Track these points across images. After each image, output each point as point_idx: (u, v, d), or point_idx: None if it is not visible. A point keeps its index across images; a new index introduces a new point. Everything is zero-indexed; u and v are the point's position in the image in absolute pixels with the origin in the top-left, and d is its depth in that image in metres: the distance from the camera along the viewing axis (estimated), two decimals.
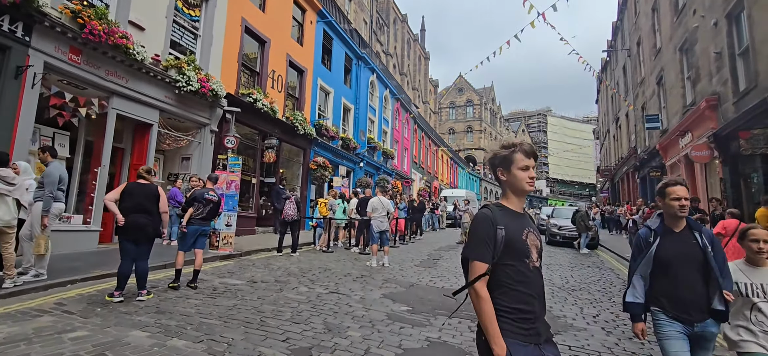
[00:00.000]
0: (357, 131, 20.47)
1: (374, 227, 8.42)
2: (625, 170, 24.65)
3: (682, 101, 14.35)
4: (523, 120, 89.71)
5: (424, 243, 13.61)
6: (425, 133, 35.71)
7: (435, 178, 38.81)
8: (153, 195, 5.11)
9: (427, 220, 19.58)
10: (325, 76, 17.52)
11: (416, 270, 8.34)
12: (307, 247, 11.00)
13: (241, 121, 12.09)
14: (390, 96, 25.79)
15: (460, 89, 65.45)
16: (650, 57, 18.49)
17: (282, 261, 8.44)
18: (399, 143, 27.90)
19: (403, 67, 42.79)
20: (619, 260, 11.42)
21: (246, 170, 12.88)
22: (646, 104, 19.43)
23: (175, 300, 5.13)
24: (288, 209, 9.06)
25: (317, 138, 16.00)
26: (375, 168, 22.77)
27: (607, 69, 31.79)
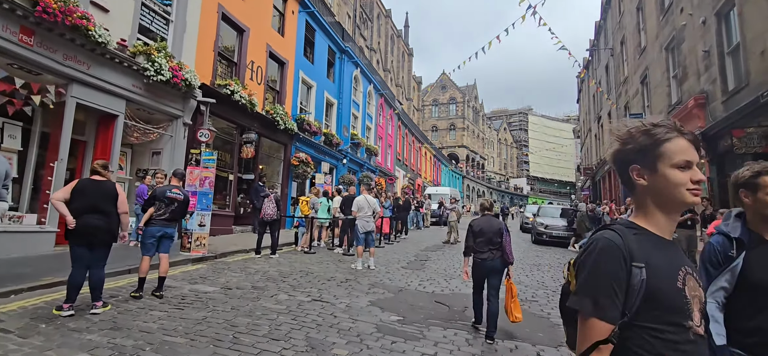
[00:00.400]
0: (340, 126, 19.89)
1: (359, 227, 7.93)
2: (607, 169, 24.84)
3: (668, 100, 14.35)
4: (505, 118, 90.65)
5: (409, 243, 13.20)
6: (409, 130, 35.36)
7: (418, 175, 38.54)
8: (109, 193, 4.48)
9: (412, 218, 19.18)
10: (308, 69, 16.87)
11: (404, 272, 7.89)
12: (288, 248, 10.42)
13: (217, 114, 11.39)
14: (374, 91, 25.27)
15: (443, 87, 65.40)
16: (634, 56, 18.54)
17: (260, 264, 7.85)
18: (383, 139, 27.44)
19: (387, 63, 42.28)
20: None
21: (223, 166, 12.17)
22: (629, 103, 19.51)
23: (136, 312, 4.52)
24: (267, 207, 8.47)
25: (299, 133, 15.36)
26: (358, 165, 22.24)
27: (590, 68, 32.08)
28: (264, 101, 13.77)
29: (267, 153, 14.74)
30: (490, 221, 4.69)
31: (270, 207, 8.47)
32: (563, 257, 11.47)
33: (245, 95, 11.68)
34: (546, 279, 8.04)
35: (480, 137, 70.84)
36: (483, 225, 4.63)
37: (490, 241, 4.51)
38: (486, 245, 4.52)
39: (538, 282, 7.74)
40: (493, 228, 4.57)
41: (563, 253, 12.36)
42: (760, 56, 8.61)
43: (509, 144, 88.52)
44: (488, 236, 4.53)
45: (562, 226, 14.37)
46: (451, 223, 13.37)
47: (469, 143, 64.14)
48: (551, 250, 12.89)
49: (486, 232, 4.56)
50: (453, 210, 13.60)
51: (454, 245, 12.73)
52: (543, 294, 6.73)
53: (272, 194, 8.70)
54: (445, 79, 65.89)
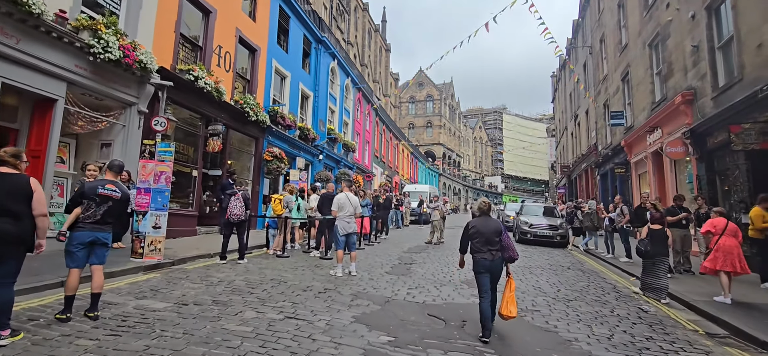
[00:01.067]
0: (316, 120, 18.90)
1: (340, 228, 7.09)
2: (584, 167, 24.93)
3: (651, 97, 14.18)
4: (481, 117, 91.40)
5: (390, 244, 12.44)
6: (387, 126, 34.63)
7: (396, 173, 37.89)
8: (20, 190, 3.47)
9: (392, 217, 18.44)
10: (282, 58, 15.80)
11: (389, 279, 7.11)
12: (259, 251, 9.44)
13: (179, 102, 10.26)
14: (352, 85, 24.36)
15: (420, 84, 65.03)
16: (615, 54, 18.45)
17: (225, 272, 6.89)
18: (360, 135, 26.57)
19: (364, 57, 41.32)
20: (597, 260, 10.88)
21: (186, 160, 11.04)
22: (609, 101, 19.46)
23: (57, 342, 3.54)
24: (233, 207, 7.49)
25: (272, 126, 14.30)
26: (335, 161, 21.30)
27: (566, 68, 32.27)
28: (233, 90, 12.66)
29: (237, 147, 13.63)
30: (487, 222, 4.70)
31: (237, 206, 7.49)
32: (551, 257, 11.00)
33: (211, 82, 10.57)
34: (542, 284, 7.45)
35: (456, 134, 71.00)
36: (479, 226, 4.66)
37: (489, 241, 4.55)
38: (485, 245, 4.56)
39: (535, 287, 7.13)
40: (490, 228, 4.60)
41: (549, 253, 11.91)
42: (756, 50, 8.32)
43: (484, 142, 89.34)
44: (486, 236, 4.57)
45: (546, 225, 13.97)
46: (434, 223, 12.70)
47: (446, 140, 64.10)
48: (538, 250, 12.43)
49: (483, 232, 4.59)
50: (436, 209, 12.92)
51: (437, 246, 12.07)
52: (544, 302, 6.11)
53: (240, 191, 7.71)
54: (421, 77, 65.53)
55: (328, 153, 19.87)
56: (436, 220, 12.71)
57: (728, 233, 6.64)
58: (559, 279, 8.03)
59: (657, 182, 14.05)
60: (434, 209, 12.97)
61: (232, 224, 7.63)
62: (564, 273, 8.69)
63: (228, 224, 7.66)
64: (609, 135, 19.97)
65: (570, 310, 5.77)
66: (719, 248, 6.73)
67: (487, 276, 4.50)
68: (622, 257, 10.40)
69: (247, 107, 12.54)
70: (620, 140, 17.48)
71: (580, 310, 5.80)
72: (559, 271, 8.95)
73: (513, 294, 4.41)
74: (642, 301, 6.57)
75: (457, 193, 64.47)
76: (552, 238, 13.67)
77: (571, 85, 29.96)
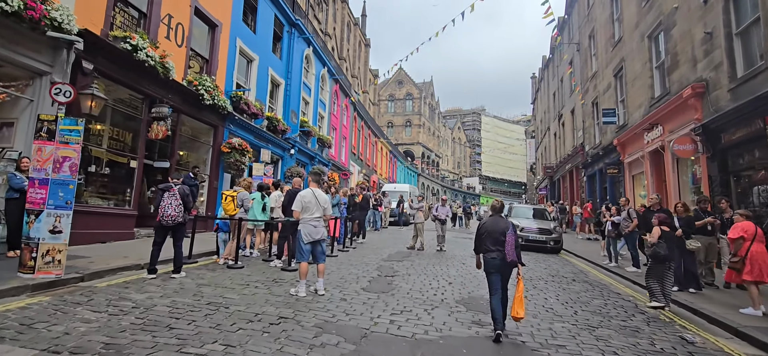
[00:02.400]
0: (287, 111, 17.17)
1: (303, 235, 5.52)
2: (569, 168, 24.13)
3: (649, 93, 13.22)
4: (459, 117, 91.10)
5: (368, 249, 10.92)
6: (365, 122, 33.09)
7: (374, 171, 36.40)
8: None
9: (369, 218, 16.93)
10: (248, 38, 14.03)
11: (366, 298, 5.60)
12: (208, 259, 7.75)
13: (114, 77, 8.45)
14: (328, 76, 22.69)
15: (399, 82, 63.79)
16: (606, 49, 17.56)
17: (149, 291, 5.20)
18: (337, 130, 24.93)
19: (343, 51, 39.64)
20: (599, 270, 9.70)
21: (122, 148, 9.19)
22: (599, 99, 18.58)
23: None
24: (166, 206, 5.81)
25: (234, 114, 12.53)
26: (309, 157, 19.60)
27: (550, 66, 31.60)
28: (186, 69, 10.85)
29: (191, 136, 11.81)
30: (497, 222, 4.70)
31: (172, 205, 5.81)
32: (548, 265, 9.75)
33: (154, 55, 8.77)
34: (552, 302, 6.12)
35: (435, 134, 70.18)
36: (489, 226, 4.68)
37: (497, 240, 4.53)
38: (494, 244, 4.55)
39: (546, 308, 5.78)
40: (499, 228, 4.58)
41: (545, 260, 10.67)
42: None
43: (463, 143, 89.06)
44: (494, 236, 4.56)
45: (538, 229, 12.78)
46: (418, 226, 11.26)
47: (425, 140, 63.11)
48: (532, 258, 11.19)
49: (492, 232, 4.60)
50: (419, 210, 11.49)
51: (421, 252, 10.64)
52: (564, 330, 4.76)
53: (176, 186, 6.02)
54: (401, 75, 64.30)
55: (301, 148, 18.16)
56: (419, 223, 11.28)
57: (758, 238, 5.90)
58: (569, 295, 6.71)
59: (655, 183, 13.09)
60: (417, 211, 11.53)
61: (165, 229, 5.94)
62: (571, 288, 7.40)
63: (161, 229, 5.95)
64: (598, 134, 19.11)
65: (601, 343, 4.43)
66: (753, 257, 5.86)
67: (498, 275, 4.52)
68: (629, 266, 9.26)
69: (203, 88, 10.76)
70: (612, 139, 16.56)
71: (613, 342, 4.49)
72: (564, 284, 7.66)
73: (521, 296, 4.34)
74: (675, 322, 5.40)
75: (436, 193, 63.55)
76: (545, 243, 12.48)
77: (554, 84, 29.25)
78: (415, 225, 11.42)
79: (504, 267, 4.45)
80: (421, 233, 11.25)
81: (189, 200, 6.08)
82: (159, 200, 5.87)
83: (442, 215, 11.17)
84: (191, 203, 6.09)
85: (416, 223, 11.35)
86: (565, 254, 12.53)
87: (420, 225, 11.27)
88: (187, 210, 6.01)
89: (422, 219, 11.36)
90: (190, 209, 6.10)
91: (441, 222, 11.17)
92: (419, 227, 11.27)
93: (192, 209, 6.15)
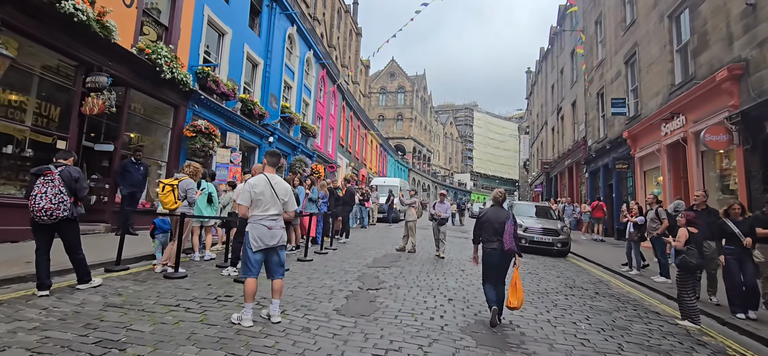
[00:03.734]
0: (266, 94, 15.50)
1: (252, 239, 3.94)
2: (568, 164, 22.85)
3: (668, 79, 11.88)
4: (452, 113, 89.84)
5: (350, 251, 9.39)
6: (355, 113, 31.45)
7: (363, 165, 34.84)
8: None
9: (355, 214, 15.40)
10: (219, 8, 12.32)
11: (338, 327, 4.07)
12: (147, 263, 6.15)
13: (34, 35, 6.76)
14: (314, 60, 21.00)
15: (391, 74, 62.17)
16: (615, 34, 16.21)
17: (27, 315, 3.61)
18: (323, 119, 23.28)
19: (332, 38, 37.86)
20: (620, 278, 8.32)
21: (48, 126, 7.50)
22: (606, 89, 17.25)
23: None
24: (38, 196, 4.12)
25: (199, 93, 10.87)
26: (291, 147, 17.96)
27: (549, 58, 30.29)
28: (137, 35, 9.14)
29: (145, 115, 10.12)
30: (498, 212, 4.68)
31: (47, 195, 4.13)
32: (561, 273, 8.34)
33: (87, 9, 7.08)
34: (582, 325, 4.67)
35: (427, 129, 68.78)
36: (490, 216, 4.67)
37: (497, 231, 4.53)
38: (494, 234, 4.56)
39: (580, 337, 4.30)
40: (500, 218, 4.56)
41: (557, 266, 9.26)
42: None
43: (455, 139, 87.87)
44: (495, 226, 4.57)
45: (543, 229, 11.37)
46: (410, 225, 9.75)
47: (417, 134, 61.68)
48: (538, 261, 9.78)
49: (492, 222, 4.60)
50: (411, 206, 9.98)
51: (413, 255, 9.16)
52: None
53: (58, 169, 4.35)
54: (393, 67, 62.70)
55: (281, 136, 16.51)
56: (411, 222, 9.77)
57: None
58: (601, 318, 5.26)
59: (673, 179, 11.78)
60: (409, 207, 10.01)
61: (43, 228, 4.28)
62: (598, 305, 5.96)
63: (36, 229, 4.30)
64: (603, 127, 17.80)
65: None
66: None
67: (496, 266, 4.54)
68: (657, 276, 7.89)
69: (159, 59, 9.08)
70: (620, 131, 15.24)
71: None
72: (588, 300, 6.23)
73: (516, 285, 4.36)
74: None
75: (426, 189, 62.20)
76: (551, 245, 11.09)
77: (553, 77, 27.95)
78: (406, 224, 9.91)
79: (503, 257, 4.48)
80: (412, 234, 9.75)
81: (79, 187, 4.38)
82: (30, 189, 4.23)
83: (442, 213, 9.26)
84: (83, 191, 4.42)
85: (408, 221, 9.84)
86: (573, 259, 11.16)
87: (412, 224, 9.77)
88: (77, 201, 4.38)
89: (414, 217, 9.85)
90: (80, 200, 4.45)
91: (440, 223, 9.20)
92: (411, 226, 9.77)
93: (81, 201, 4.48)
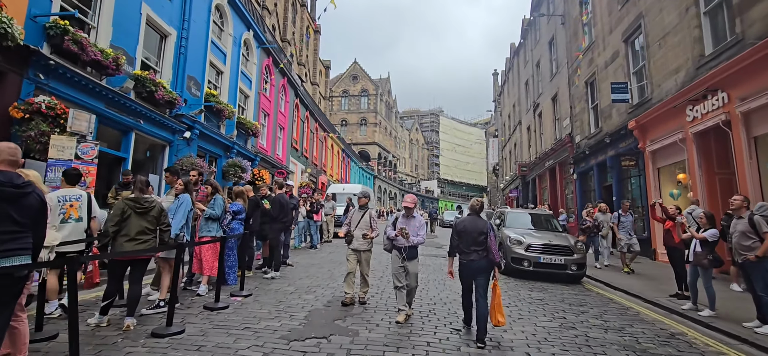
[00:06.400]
0: (182, 75, 11.82)
1: None
2: (550, 165, 20.47)
3: (695, 49, 9.40)
4: (417, 118, 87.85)
5: (274, 297, 5.97)
6: (312, 113, 27.92)
7: (323, 172, 31.30)
8: None
9: (302, 231, 11.95)
10: None
11: None
12: None
13: None
14: (255, 44, 17.40)
15: (354, 77, 59.05)
16: (609, 10, 13.85)
17: None
18: (270, 116, 19.65)
19: (287, 33, 34.23)
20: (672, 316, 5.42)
21: None
22: (597, 76, 14.87)
23: None
24: None
25: (49, 57, 7.15)
26: (223, 147, 14.27)
27: (521, 53, 28.20)
28: None
29: None
30: (475, 222, 4.50)
31: None
32: (586, 309, 5.35)
33: None
34: None
35: (393, 134, 66.06)
36: (467, 225, 4.49)
37: (475, 241, 4.36)
38: (471, 245, 4.38)
39: None
40: (477, 228, 4.40)
41: (579, 298, 6.27)
42: None
43: (421, 145, 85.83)
44: (472, 236, 4.38)
45: (550, 246, 8.41)
46: (358, 257, 5.60)
47: (382, 140, 58.75)
48: (550, 292, 6.79)
49: (470, 232, 4.41)
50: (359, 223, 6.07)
51: (365, 309, 5.84)
52: None
53: None
54: (356, 69, 59.65)
55: (207, 132, 12.82)
56: (361, 249, 5.67)
57: None
58: None
59: (705, 176, 9.25)
60: (355, 224, 6.07)
61: None
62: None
63: None
64: (595, 121, 15.41)
65: None
66: None
67: (473, 280, 4.39)
68: (705, 309, 5.17)
69: None
70: (621, 122, 12.79)
71: None
72: None
73: (500, 301, 4.21)
74: None
75: (393, 198, 59.26)
76: (563, 268, 8.17)
77: (528, 71, 25.78)
78: (348, 255, 5.76)
79: (482, 270, 4.29)
80: (364, 269, 5.74)
81: None
82: None
83: (412, 235, 4.89)
84: None
85: (357, 249, 5.70)
86: (592, 285, 8.30)
87: (361, 255, 5.70)
88: None
89: (365, 244, 5.68)
90: None
91: (405, 255, 4.90)
92: (361, 259, 5.70)
93: None
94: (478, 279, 4.31)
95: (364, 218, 5.74)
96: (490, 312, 4.17)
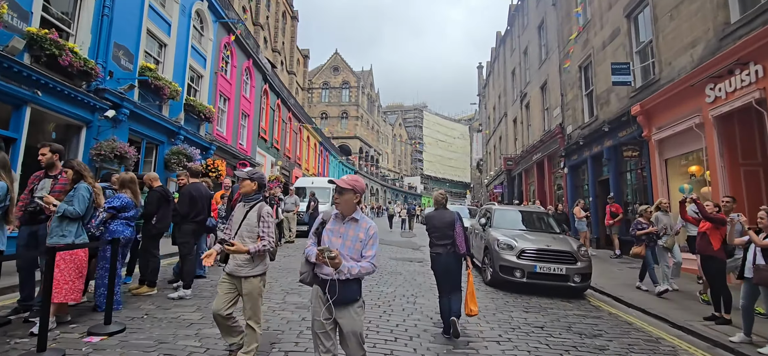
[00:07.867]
0: (107, 44, 9.77)
1: None
2: (537, 158, 19.04)
3: (718, 17, 7.92)
4: (401, 113, 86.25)
5: (148, 340, 4.16)
6: (284, 102, 25.86)
7: (297, 165, 29.30)
8: None
9: None
10: None
11: None
12: None
13: None
14: (210, 16, 15.31)
15: (335, 68, 56.92)
16: None
17: None
18: (232, 101, 17.59)
19: (259, 16, 31.98)
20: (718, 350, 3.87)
21: None
22: (593, 59, 13.40)
23: None
24: None
25: None
26: (166, 132, 12.23)
27: (508, 41, 26.73)
28: None
29: None
30: (443, 214, 4.45)
31: None
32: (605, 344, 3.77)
33: None
34: None
35: (375, 129, 64.26)
36: (435, 219, 4.45)
37: (444, 235, 4.31)
38: (441, 239, 4.33)
39: None
40: (445, 221, 4.34)
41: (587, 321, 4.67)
42: None
43: (404, 140, 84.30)
44: (441, 229, 4.34)
45: (547, 251, 6.79)
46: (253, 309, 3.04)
47: (363, 134, 56.88)
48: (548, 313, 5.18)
49: (437, 225, 4.37)
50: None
51: None
52: None
53: None
54: (337, 61, 57.54)
55: (142, 113, 10.79)
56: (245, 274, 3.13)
57: None
58: None
59: (727, 167, 7.78)
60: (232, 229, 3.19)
61: None
62: None
63: None
64: (590, 108, 13.96)
65: None
66: None
67: (445, 273, 4.27)
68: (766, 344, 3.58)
69: None
70: (622, 108, 11.33)
71: None
72: None
73: (473, 290, 4.24)
74: None
75: (374, 194, 57.52)
76: (565, 279, 6.57)
77: (515, 59, 24.32)
78: (219, 283, 3.24)
79: (453, 262, 4.25)
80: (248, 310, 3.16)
81: None
82: None
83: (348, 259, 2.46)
84: None
85: (233, 274, 3.18)
86: (597, 299, 6.73)
87: (241, 284, 3.16)
88: None
89: (248, 266, 3.15)
90: None
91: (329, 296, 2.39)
92: (242, 292, 3.15)
93: None
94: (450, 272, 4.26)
95: (250, 217, 3.20)
96: (465, 303, 4.20)
